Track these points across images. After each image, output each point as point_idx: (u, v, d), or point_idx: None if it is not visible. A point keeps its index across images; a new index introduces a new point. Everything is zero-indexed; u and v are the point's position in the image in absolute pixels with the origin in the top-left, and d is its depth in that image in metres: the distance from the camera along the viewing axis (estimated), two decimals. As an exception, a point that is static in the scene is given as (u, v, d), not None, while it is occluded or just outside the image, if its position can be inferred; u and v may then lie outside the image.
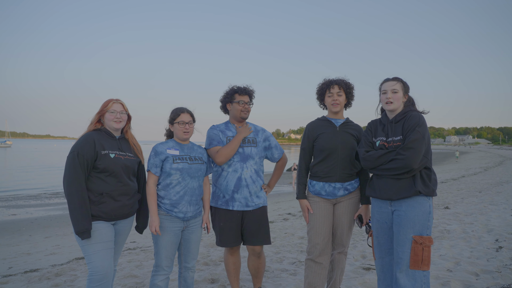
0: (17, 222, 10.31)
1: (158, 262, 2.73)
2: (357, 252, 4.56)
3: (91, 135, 2.53)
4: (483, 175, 17.56)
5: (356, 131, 2.91)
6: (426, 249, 2.35)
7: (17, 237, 8.23)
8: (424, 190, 2.37)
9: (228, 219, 3.00)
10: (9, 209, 12.79)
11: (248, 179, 2.99)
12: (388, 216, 2.52)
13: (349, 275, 3.72)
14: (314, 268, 2.82)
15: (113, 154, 2.55)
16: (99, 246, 2.42)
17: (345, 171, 2.82)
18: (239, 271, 3.20)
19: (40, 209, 12.68)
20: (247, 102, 3.07)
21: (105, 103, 2.65)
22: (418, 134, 2.35)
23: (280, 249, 4.85)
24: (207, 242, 5.44)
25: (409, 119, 2.45)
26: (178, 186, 2.71)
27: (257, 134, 3.15)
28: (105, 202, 2.48)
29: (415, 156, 2.32)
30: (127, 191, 2.58)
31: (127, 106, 2.71)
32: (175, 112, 2.81)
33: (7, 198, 15.42)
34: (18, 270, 4.60)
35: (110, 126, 2.63)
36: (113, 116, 2.62)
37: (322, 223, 2.83)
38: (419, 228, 2.37)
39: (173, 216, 2.72)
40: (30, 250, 6.36)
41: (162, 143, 2.81)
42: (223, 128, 3.11)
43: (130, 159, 2.64)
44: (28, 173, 26.67)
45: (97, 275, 2.39)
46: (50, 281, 3.87)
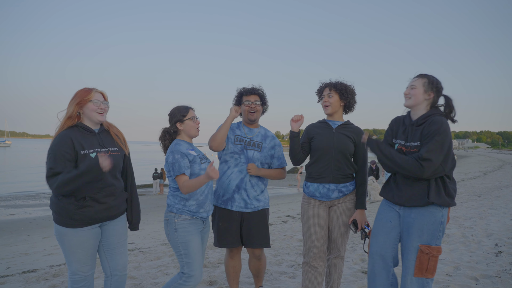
0: (16, 222, 10.29)
1: (191, 272, 2.51)
2: (356, 256, 4.54)
3: (66, 134, 2.25)
4: (482, 179, 17.55)
5: (353, 133, 2.87)
6: (433, 259, 2.26)
7: (15, 237, 8.21)
8: (437, 200, 2.25)
9: (226, 219, 2.99)
10: (7, 208, 12.76)
11: (247, 183, 2.98)
12: (395, 216, 2.45)
13: (348, 278, 3.71)
14: (310, 273, 2.82)
15: (94, 153, 2.30)
16: (79, 253, 2.32)
17: (339, 172, 2.80)
18: (238, 275, 3.18)
19: (38, 209, 12.65)
20: (253, 102, 3.05)
21: (85, 92, 2.33)
22: (436, 144, 2.21)
23: (279, 252, 4.83)
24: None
25: (429, 124, 2.30)
26: (204, 186, 2.61)
27: (265, 140, 3.10)
28: (89, 206, 2.29)
29: (429, 167, 2.20)
30: (112, 191, 2.39)
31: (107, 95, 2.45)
32: (184, 109, 2.67)
33: (6, 198, 15.37)
34: (15, 271, 4.58)
35: (93, 118, 2.35)
36: (96, 106, 2.33)
37: (317, 225, 2.82)
38: (427, 238, 2.28)
39: (197, 218, 2.60)
40: (28, 250, 6.34)
41: (178, 144, 2.59)
42: (234, 127, 3.13)
43: (113, 155, 2.41)
44: (27, 173, 26.63)
45: (77, 277, 2.35)
46: (47, 282, 3.85)
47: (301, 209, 2.96)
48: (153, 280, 3.79)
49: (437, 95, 2.41)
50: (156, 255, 4.97)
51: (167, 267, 4.30)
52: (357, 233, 2.87)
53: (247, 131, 3.11)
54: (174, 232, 2.53)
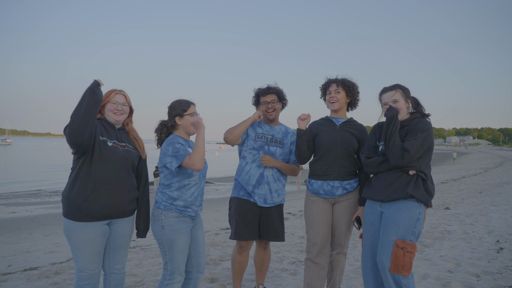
0: (17, 220, 10.31)
1: (175, 269, 2.50)
2: (357, 252, 4.54)
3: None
4: (483, 176, 17.54)
5: (357, 130, 2.90)
6: (408, 255, 2.31)
7: (16, 235, 8.23)
8: (415, 193, 2.35)
9: (246, 212, 3.02)
10: (9, 207, 12.79)
11: (269, 177, 3.04)
12: (377, 218, 2.52)
13: (349, 275, 3.71)
14: (313, 268, 2.82)
15: (111, 142, 2.39)
16: (85, 250, 2.33)
17: (343, 169, 2.82)
18: (243, 271, 3.21)
19: (40, 207, 12.68)
20: (270, 101, 3.09)
21: (107, 93, 2.48)
22: (418, 139, 2.36)
23: (280, 249, 4.83)
24: (207, 241, 5.43)
25: (415, 123, 2.47)
26: (194, 187, 2.56)
27: (286, 136, 3.18)
28: (96, 197, 2.31)
29: (407, 158, 2.33)
30: (122, 185, 2.41)
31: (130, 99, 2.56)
32: (185, 104, 2.59)
33: (7, 196, 15.41)
34: (17, 268, 4.60)
35: (111, 117, 2.48)
36: (114, 107, 2.46)
37: (321, 222, 2.82)
38: (403, 232, 2.34)
39: (185, 216, 2.54)
40: (30, 248, 6.35)
41: (175, 139, 2.52)
42: (255, 125, 3.17)
43: (129, 150, 2.48)
44: (28, 171, 26.67)
45: (85, 274, 2.36)
46: (49, 279, 3.86)
47: (304, 206, 2.97)
48: (154, 277, 3.80)
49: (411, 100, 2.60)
50: (157, 252, 4.97)
51: (169, 264, 4.30)
52: (360, 229, 2.88)
53: (269, 129, 3.16)
54: (161, 229, 2.48)
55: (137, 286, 3.55)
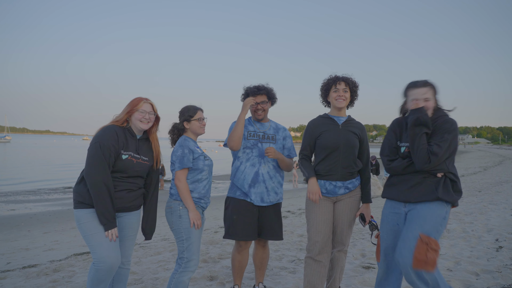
0: (16, 217, 10.29)
1: (191, 256, 2.69)
2: (357, 251, 4.54)
3: (114, 129, 2.46)
4: (482, 174, 17.56)
5: (358, 129, 2.88)
6: (432, 252, 2.17)
7: (15, 232, 8.22)
8: (446, 197, 2.27)
9: (244, 212, 3.01)
10: (8, 204, 12.77)
11: (265, 175, 3.02)
12: (400, 218, 2.42)
13: (348, 273, 3.71)
14: (313, 266, 2.80)
15: (126, 155, 2.48)
16: (103, 237, 2.37)
17: (347, 170, 2.80)
18: (244, 269, 3.21)
19: (39, 205, 12.66)
20: (260, 102, 3.07)
21: (135, 102, 2.56)
22: (445, 141, 2.26)
23: (279, 247, 4.83)
24: (206, 239, 5.43)
25: (442, 122, 2.35)
26: (205, 181, 2.83)
27: (278, 132, 3.18)
28: None
29: (434, 162, 2.25)
30: (127, 188, 2.54)
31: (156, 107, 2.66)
32: (192, 110, 2.84)
33: (6, 193, 15.38)
34: (16, 266, 4.59)
35: (137, 126, 2.56)
36: (141, 116, 2.54)
37: (322, 221, 2.80)
38: (429, 228, 2.23)
39: (199, 207, 2.79)
40: (29, 246, 6.35)
41: (187, 140, 2.79)
42: (246, 123, 3.15)
43: (142, 163, 2.58)
44: (27, 169, 26.63)
45: (104, 265, 2.35)
46: (48, 277, 3.85)
47: (306, 205, 2.94)
48: (153, 275, 3.79)
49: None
50: (157, 250, 4.97)
51: (167, 262, 4.30)
52: (365, 226, 2.91)
53: (259, 126, 3.16)
54: (179, 219, 2.69)
55: (136, 284, 3.54)
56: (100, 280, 2.39)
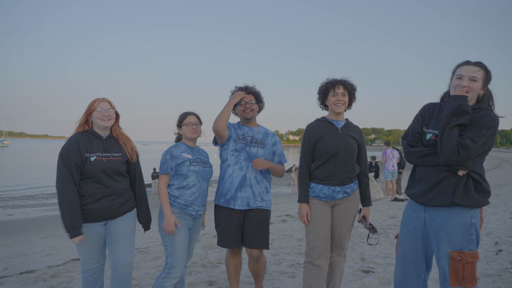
0: (14, 222, 10.25)
1: (174, 263, 2.70)
2: (356, 255, 4.53)
3: (74, 138, 2.55)
4: (481, 177, 17.53)
5: (356, 133, 2.86)
6: (469, 266, 2.01)
7: (13, 237, 8.18)
8: (462, 201, 2.05)
9: (230, 219, 2.98)
10: (5, 209, 12.71)
11: (252, 179, 2.99)
12: (419, 223, 2.25)
13: (348, 278, 3.69)
14: (312, 271, 2.77)
15: (93, 157, 2.53)
16: (83, 247, 2.59)
17: (345, 175, 2.77)
18: (239, 273, 3.18)
19: (37, 209, 12.61)
20: (248, 101, 3.06)
21: (91, 103, 2.62)
22: (482, 137, 1.99)
23: (278, 251, 4.81)
24: (205, 243, 5.40)
25: (482, 116, 2.07)
26: (194, 187, 2.81)
27: (267, 137, 3.15)
28: (87, 204, 2.52)
29: (463, 157, 1.99)
30: (109, 192, 2.57)
31: (114, 104, 2.69)
32: (182, 116, 2.96)
33: (4, 198, 15.32)
34: (13, 271, 4.55)
35: (98, 124, 2.61)
36: (100, 114, 2.59)
37: (321, 225, 2.79)
38: (458, 242, 2.05)
39: (186, 214, 2.79)
40: (26, 251, 6.31)
41: (175, 146, 2.89)
42: (235, 126, 3.15)
43: (114, 160, 2.61)
44: (25, 173, 26.54)
45: (85, 267, 2.66)
46: (46, 283, 3.82)
47: None
48: (151, 280, 3.77)
49: (487, 90, 2.18)
50: (155, 255, 4.95)
51: (166, 267, 4.27)
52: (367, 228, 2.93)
53: (248, 130, 3.13)
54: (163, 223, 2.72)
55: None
56: None
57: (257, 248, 2.99)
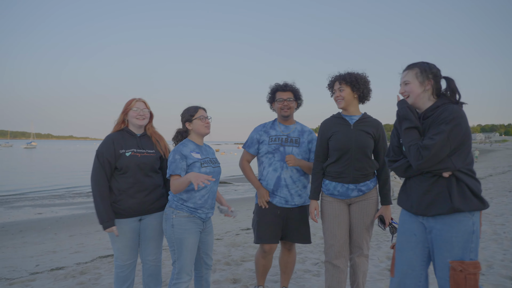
0: (43, 221, 10.60)
1: (183, 268, 2.58)
2: (382, 253, 4.44)
3: (110, 137, 2.71)
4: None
5: (373, 127, 2.72)
6: (471, 277, 1.90)
7: (43, 235, 8.46)
8: (463, 206, 1.94)
9: (265, 213, 3.01)
10: (35, 208, 13.18)
11: (287, 179, 2.99)
12: (419, 228, 2.12)
13: (374, 277, 3.63)
14: (332, 272, 2.74)
15: (129, 152, 2.67)
16: (118, 242, 2.68)
17: (359, 172, 2.67)
18: (267, 272, 3.22)
19: (64, 208, 13.01)
20: (286, 99, 3.04)
21: (128, 102, 2.78)
22: (441, 133, 1.92)
23: (302, 249, 4.78)
24: (228, 241, 5.43)
25: (440, 113, 2.01)
26: (203, 190, 2.64)
27: (303, 135, 3.10)
28: (123, 199, 2.64)
29: (428, 158, 1.93)
30: (143, 188, 2.68)
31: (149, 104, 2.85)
32: (192, 109, 2.73)
33: (33, 198, 15.90)
34: (44, 268, 4.71)
35: (134, 123, 2.76)
36: (136, 113, 2.74)
37: (337, 223, 2.72)
38: (458, 252, 1.95)
39: (196, 217, 2.64)
40: (56, 248, 6.51)
41: (183, 145, 2.66)
42: (268, 127, 3.13)
43: (148, 155, 2.73)
44: (52, 173, 27.44)
45: (117, 262, 2.73)
46: (75, 279, 3.94)
47: (320, 207, 2.86)
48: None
49: (436, 81, 2.11)
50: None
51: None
52: (385, 229, 2.77)
53: (283, 129, 3.11)
54: (171, 228, 2.59)
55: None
56: None
57: (302, 242, 3.06)
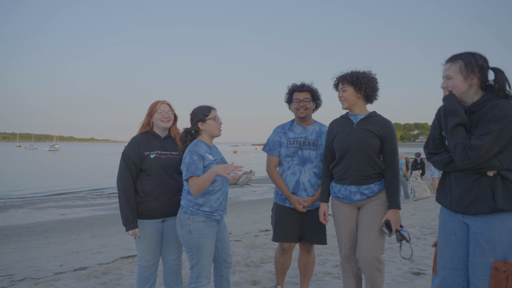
0: (66, 221, 10.89)
1: (201, 272, 2.57)
2: (405, 256, 4.35)
3: (135, 139, 2.77)
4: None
5: (378, 126, 2.57)
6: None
7: (66, 235, 8.69)
8: (507, 206, 1.85)
9: (283, 213, 3.03)
10: (58, 209, 13.55)
11: (306, 183, 2.97)
12: (460, 227, 2.05)
13: (397, 280, 3.56)
14: (344, 275, 2.74)
15: (153, 154, 2.72)
16: (142, 242, 2.74)
17: (360, 173, 2.55)
18: (286, 271, 3.24)
19: (86, 209, 13.32)
20: (303, 99, 3.01)
21: (153, 105, 2.83)
22: (490, 132, 1.82)
23: (321, 251, 4.74)
24: (247, 243, 5.43)
25: (488, 109, 1.89)
26: (218, 192, 2.61)
27: (320, 137, 3.04)
28: (147, 201, 2.70)
29: (474, 158, 1.85)
30: (168, 189, 2.73)
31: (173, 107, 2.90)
32: (206, 109, 2.66)
33: (57, 199, 16.35)
34: (68, 268, 4.83)
35: (159, 125, 2.81)
36: (161, 115, 2.79)
37: (343, 227, 2.68)
38: (502, 252, 1.86)
39: (212, 220, 2.60)
40: (79, 249, 6.67)
41: (197, 145, 2.58)
42: (286, 129, 3.12)
43: (172, 157, 2.78)
44: (75, 175, 28.16)
45: (141, 262, 2.79)
46: (97, 279, 4.02)
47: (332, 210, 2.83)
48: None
49: (483, 74, 1.98)
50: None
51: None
52: (391, 236, 2.58)
53: (301, 130, 3.09)
54: (189, 234, 2.54)
55: None
56: None
57: (318, 243, 3.05)
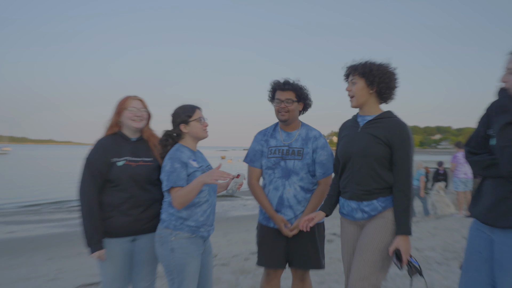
0: (15, 241, 10.72)
1: None
2: (422, 285, 4.35)
3: (101, 142, 2.67)
4: None
5: (385, 130, 2.43)
6: None
7: (15, 258, 8.54)
8: None
9: (270, 235, 3.00)
10: (6, 225, 13.33)
11: (291, 199, 2.94)
12: (486, 245, 2.11)
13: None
14: None
15: (121, 161, 2.62)
16: (107, 267, 2.61)
17: (361, 187, 2.47)
18: None
19: (41, 226, 13.14)
20: (284, 100, 2.93)
21: (122, 101, 2.72)
22: None
23: (324, 278, 4.72)
24: (235, 267, 5.40)
25: None
26: (205, 204, 2.62)
27: (307, 144, 2.98)
28: (113, 216, 2.61)
29: None
30: (138, 203, 2.64)
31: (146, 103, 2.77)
32: (189, 109, 2.67)
33: (5, 213, 16.10)
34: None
35: (129, 125, 2.70)
36: (132, 114, 2.68)
37: (345, 250, 2.67)
38: None
39: (197, 237, 2.60)
40: (30, 275, 6.56)
41: (179, 151, 2.60)
42: (268, 135, 3.08)
43: (144, 165, 2.68)
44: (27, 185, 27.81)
45: None
46: (52, 312, 3.94)
47: None
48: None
49: None
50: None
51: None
52: (402, 269, 2.41)
53: (285, 137, 3.04)
54: (170, 253, 2.52)
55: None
56: None
57: (310, 268, 2.99)
